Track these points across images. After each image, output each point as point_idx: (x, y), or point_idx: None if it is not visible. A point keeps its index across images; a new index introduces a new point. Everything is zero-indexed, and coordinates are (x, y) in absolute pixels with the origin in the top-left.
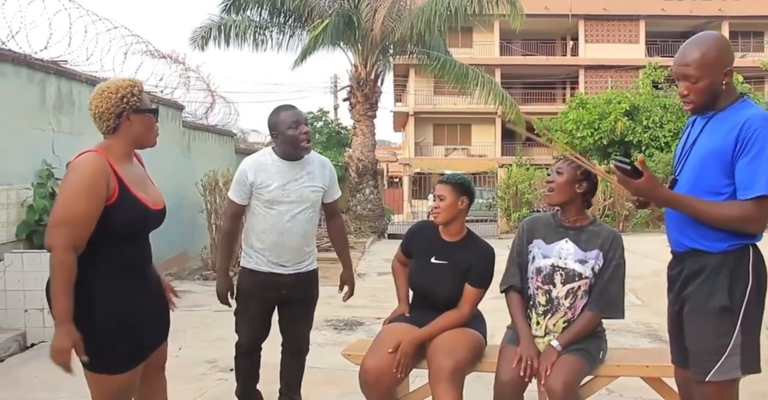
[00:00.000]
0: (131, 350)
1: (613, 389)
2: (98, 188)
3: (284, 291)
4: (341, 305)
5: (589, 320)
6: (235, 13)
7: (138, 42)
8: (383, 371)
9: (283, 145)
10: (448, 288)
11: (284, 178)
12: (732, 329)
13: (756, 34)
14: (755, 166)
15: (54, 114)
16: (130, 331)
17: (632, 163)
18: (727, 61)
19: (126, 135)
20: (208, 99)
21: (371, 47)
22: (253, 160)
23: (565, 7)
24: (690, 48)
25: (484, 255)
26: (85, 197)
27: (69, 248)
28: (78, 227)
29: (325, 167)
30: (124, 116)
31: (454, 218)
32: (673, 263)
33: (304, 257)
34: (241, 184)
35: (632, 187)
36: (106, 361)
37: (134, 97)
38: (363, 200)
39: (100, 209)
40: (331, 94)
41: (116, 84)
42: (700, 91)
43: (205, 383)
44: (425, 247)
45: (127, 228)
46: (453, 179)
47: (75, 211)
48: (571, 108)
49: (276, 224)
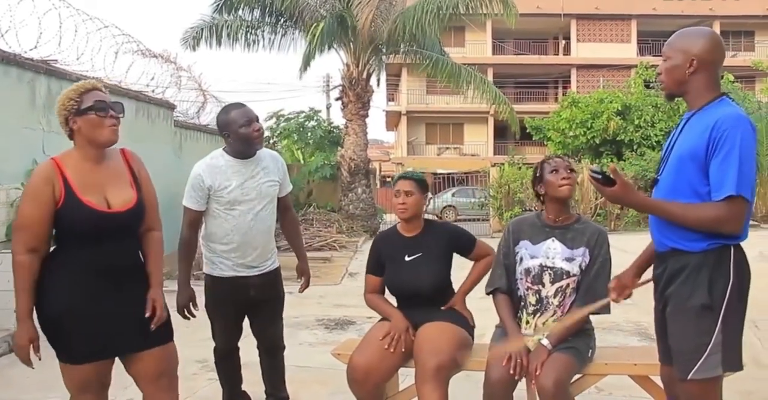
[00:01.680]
0: (86, 343)
1: (602, 388)
2: (40, 194)
3: (252, 293)
4: (332, 304)
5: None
6: (226, 12)
7: (129, 41)
8: (371, 367)
9: (236, 144)
10: (431, 278)
11: (241, 177)
12: (713, 328)
13: (747, 34)
14: (725, 167)
15: (44, 113)
16: (82, 323)
17: (604, 173)
18: (694, 48)
19: (78, 138)
20: (200, 98)
21: (363, 47)
22: (206, 164)
23: (557, 6)
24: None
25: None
26: (29, 203)
27: (24, 252)
28: (29, 231)
29: (278, 161)
30: (70, 121)
31: (417, 214)
32: (657, 263)
33: (268, 255)
34: (197, 190)
35: (607, 195)
36: (61, 349)
37: (71, 101)
38: (355, 200)
39: (48, 212)
40: (324, 94)
41: (63, 93)
42: (665, 71)
43: (196, 383)
44: (394, 251)
45: (78, 229)
46: (417, 176)
47: (22, 216)
48: (563, 107)
49: (240, 225)
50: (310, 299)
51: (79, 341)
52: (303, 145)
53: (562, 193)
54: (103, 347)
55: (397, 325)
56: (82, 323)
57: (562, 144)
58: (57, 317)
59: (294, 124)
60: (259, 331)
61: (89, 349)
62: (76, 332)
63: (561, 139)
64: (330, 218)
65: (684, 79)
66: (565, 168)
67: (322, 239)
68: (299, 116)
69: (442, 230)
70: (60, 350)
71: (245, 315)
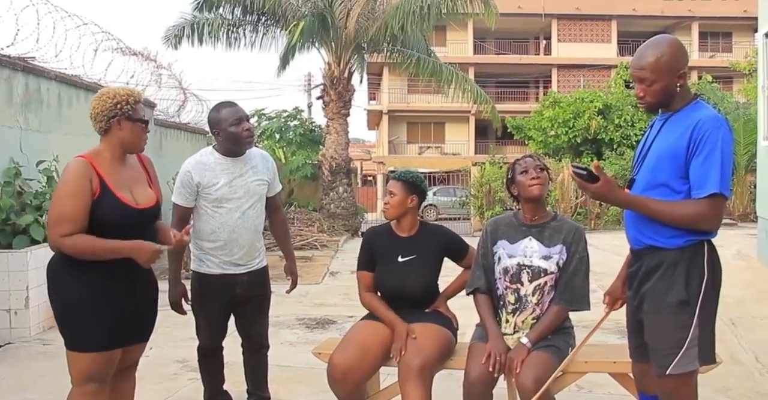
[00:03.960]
0: (100, 333)
1: (582, 386)
2: (82, 188)
3: (239, 291)
4: (313, 303)
5: (556, 315)
6: (207, 10)
7: (108, 39)
8: (352, 367)
9: (225, 142)
10: (422, 281)
11: (230, 175)
12: (690, 323)
13: (725, 35)
14: (707, 166)
15: (22, 111)
16: (101, 312)
17: (588, 169)
18: (681, 64)
19: (114, 139)
20: (180, 97)
21: (345, 46)
22: (195, 161)
23: (538, 6)
24: (645, 52)
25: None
26: (72, 198)
27: (69, 236)
28: (73, 223)
29: (267, 161)
30: (115, 121)
31: (403, 215)
32: (632, 260)
33: (256, 254)
34: (186, 187)
35: (590, 192)
36: (75, 337)
37: (128, 106)
38: (336, 199)
39: (89, 205)
40: (305, 93)
41: (115, 91)
42: (655, 94)
43: (176, 383)
44: (388, 249)
45: (109, 221)
46: (405, 177)
47: (66, 208)
48: (544, 107)
49: (226, 222)
50: (291, 297)
51: (95, 330)
52: (285, 144)
53: (532, 193)
54: (117, 337)
55: (400, 334)
56: (100, 312)
57: (544, 143)
58: (76, 305)
59: (276, 123)
60: (245, 329)
61: (104, 338)
62: (93, 321)
63: (542, 138)
64: (311, 217)
65: (675, 93)
66: (535, 168)
67: (303, 238)
68: (281, 115)
69: (437, 234)
70: (74, 337)
71: (231, 313)
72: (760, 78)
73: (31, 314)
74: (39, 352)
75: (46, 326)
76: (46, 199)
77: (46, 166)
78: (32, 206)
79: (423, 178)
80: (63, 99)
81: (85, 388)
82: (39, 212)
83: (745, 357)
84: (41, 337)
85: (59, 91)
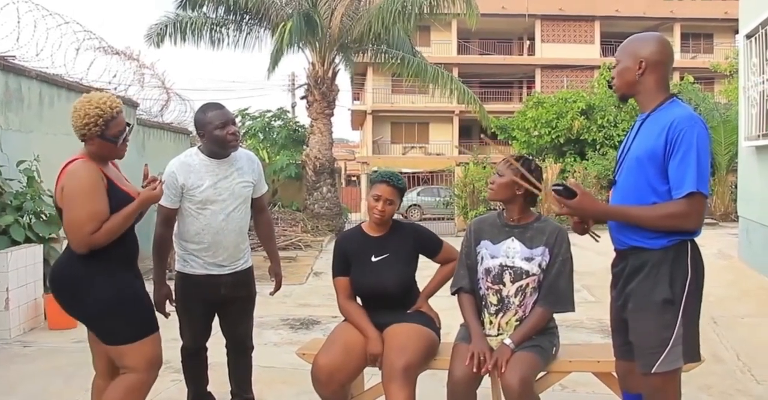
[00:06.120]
0: (146, 317)
1: (566, 385)
2: (100, 188)
3: (223, 291)
4: (297, 303)
5: (540, 316)
6: (191, 9)
7: (90, 38)
8: (336, 368)
9: (209, 144)
10: (397, 279)
11: (215, 177)
12: (674, 321)
13: (706, 36)
14: (684, 165)
15: (2, 111)
16: (131, 300)
17: (564, 185)
18: (643, 51)
19: (92, 149)
20: (163, 96)
21: (329, 45)
22: (180, 162)
23: (522, 7)
24: None
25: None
26: (95, 198)
27: (98, 231)
28: (101, 218)
29: (253, 162)
30: (88, 138)
31: (391, 219)
32: (616, 260)
33: (240, 255)
34: (170, 188)
35: (572, 206)
36: (128, 327)
37: (96, 127)
38: (320, 199)
39: (108, 199)
40: (289, 92)
41: (87, 109)
42: (617, 74)
43: (159, 384)
44: (360, 250)
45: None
46: (401, 184)
47: (94, 207)
48: (528, 107)
49: (211, 224)
50: (275, 298)
51: (142, 316)
52: (269, 144)
53: (488, 196)
54: (154, 319)
55: (375, 346)
56: (136, 300)
57: (527, 143)
58: (113, 301)
59: (260, 123)
60: (229, 330)
61: (152, 320)
62: (136, 309)
63: (526, 138)
64: (295, 217)
65: (634, 80)
66: (497, 172)
67: (287, 238)
68: (265, 115)
69: (409, 231)
70: (127, 329)
71: (215, 314)
72: (741, 79)
73: (11, 315)
74: (20, 354)
75: (26, 328)
76: (27, 199)
77: (26, 166)
78: (12, 207)
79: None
80: (44, 98)
81: (153, 373)
82: (19, 212)
83: (727, 355)
84: (21, 339)
85: (40, 90)
